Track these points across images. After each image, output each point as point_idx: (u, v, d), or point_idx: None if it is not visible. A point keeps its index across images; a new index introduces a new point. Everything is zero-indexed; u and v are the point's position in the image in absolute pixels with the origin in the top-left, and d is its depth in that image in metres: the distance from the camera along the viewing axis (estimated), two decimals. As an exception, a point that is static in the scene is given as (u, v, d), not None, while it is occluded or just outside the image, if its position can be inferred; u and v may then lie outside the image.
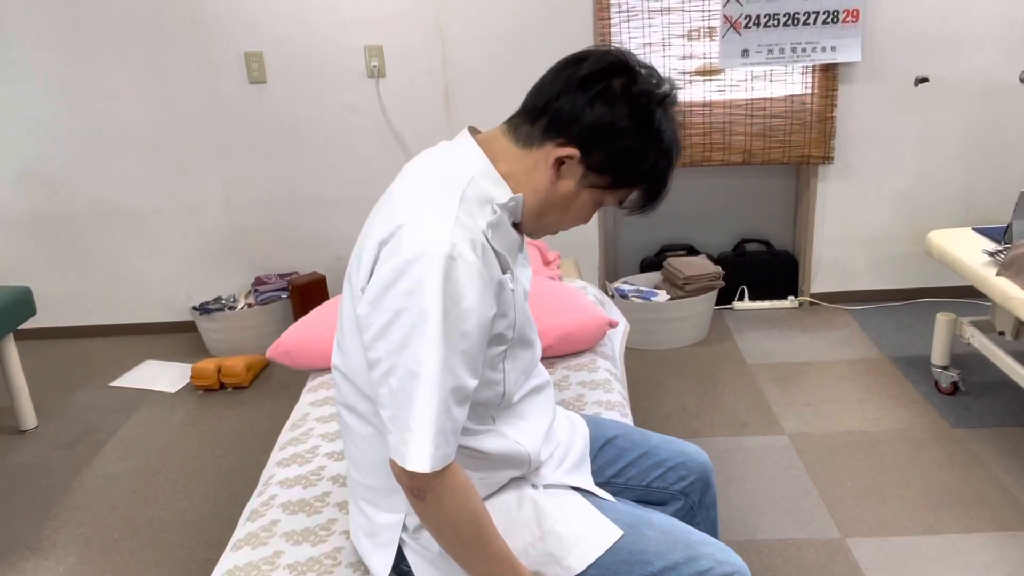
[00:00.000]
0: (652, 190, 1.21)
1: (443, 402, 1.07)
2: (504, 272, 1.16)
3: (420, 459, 1.07)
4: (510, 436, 1.25)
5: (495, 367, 1.19)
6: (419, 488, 1.10)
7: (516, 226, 1.21)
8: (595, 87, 1.12)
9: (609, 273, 3.82)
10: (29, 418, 3.00)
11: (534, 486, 1.29)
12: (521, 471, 1.28)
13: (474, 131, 1.22)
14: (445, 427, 1.08)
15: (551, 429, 1.36)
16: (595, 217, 3.58)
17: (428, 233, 1.07)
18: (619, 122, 1.12)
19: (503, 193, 1.17)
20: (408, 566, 1.26)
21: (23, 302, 2.84)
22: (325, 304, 2.35)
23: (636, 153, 1.14)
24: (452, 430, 1.09)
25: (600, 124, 1.12)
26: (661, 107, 1.15)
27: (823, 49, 3.29)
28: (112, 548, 2.30)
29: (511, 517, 1.25)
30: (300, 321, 2.28)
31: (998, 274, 2.39)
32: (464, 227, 1.09)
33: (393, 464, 1.11)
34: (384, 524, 1.26)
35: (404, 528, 1.25)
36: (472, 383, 1.11)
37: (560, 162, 1.15)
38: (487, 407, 1.22)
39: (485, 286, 1.09)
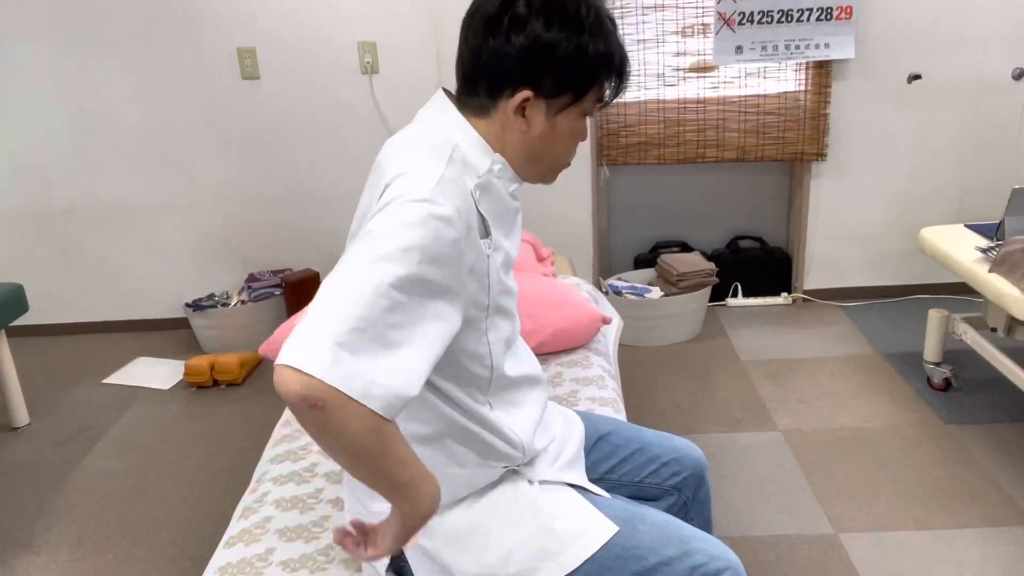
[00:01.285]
0: (614, 71, 1.16)
1: (360, 329, 0.95)
2: (483, 237, 1.14)
3: (307, 359, 0.93)
4: (505, 425, 1.25)
5: (479, 340, 1.18)
6: (306, 400, 0.93)
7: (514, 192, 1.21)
8: (503, 23, 1.10)
9: (603, 270, 3.82)
10: (21, 415, 2.99)
11: (530, 482, 1.29)
12: (515, 462, 1.28)
13: (448, 93, 1.21)
14: (373, 356, 0.95)
15: (544, 421, 1.36)
16: (589, 215, 3.58)
17: (413, 181, 1.06)
18: (542, 38, 1.10)
19: (485, 160, 1.16)
20: (405, 561, 1.26)
21: (15, 299, 2.83)
22: (318, 301, 2.34)
23: (576, 53, 1.11)
24: (381, 368, 0.96)
25: (529, 52, 1.10)
26: None
27: (817, 46, 3.29)
28: (105, 545, 2.29)
29: (507, 513, 1.25)
30: (293, 317, 2.28)
31: (990, 271, 2.40)
32: (451, 184, 1.07)
33: (286, 372, 0.94)
34: (379, 514, 1.26)
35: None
36: (398, 309, 0.99)
37: (521, 109, 1.14)
38: (480, 386, 1.22)
39: (457, 253, 1.05)
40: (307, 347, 0.94)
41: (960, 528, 2.15)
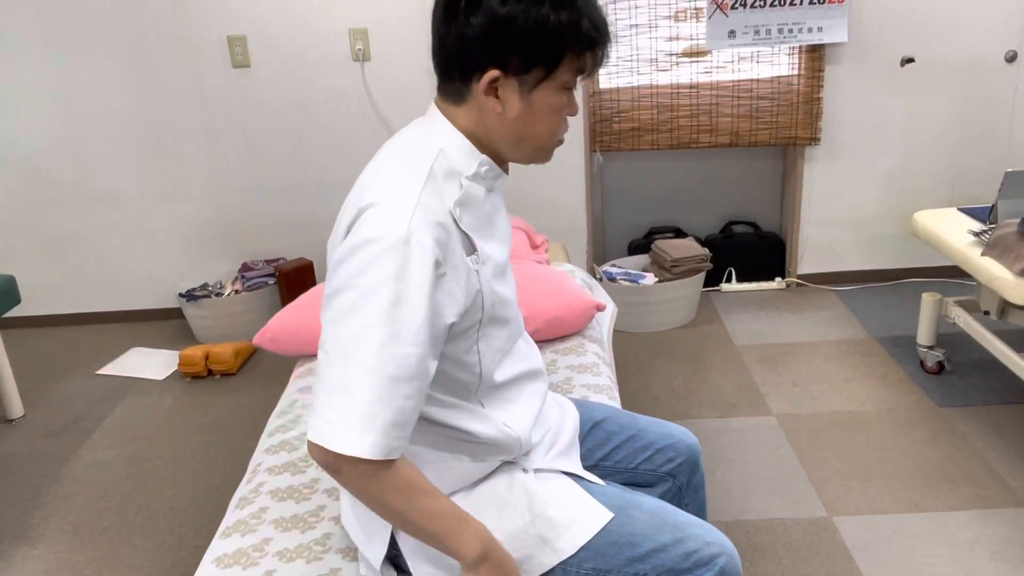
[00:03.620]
0: (584, 40, 1.11)
1: (380, 388, 1.03)
2: (470, 253, 1.14)
3: (344, 442, 1.03)
4: (498, 419, 1.24)
5: (469, 350, 1.18)
6: (332, 466, 1.06)
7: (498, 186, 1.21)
8: (459, 5, 1.09)
9: (597, 256, 3.82)
10: (16, 407, 2.99)
11: (524, 471, 1.30)
12: (512, 456, 1.28)
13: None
14: (379, 415, 1.03)
15: (542, 413, 1.36)
16: (583, 202, 3.58)
17: (388, 216, 1.05)
18: (498, 14, 1.07)
19: (470, 163, 1.15)
20: (399, 551, 1.27)
21: (7, 290, 2.81)
22: (312, 290, 2.34)
23: (536, 26, 1.07)
24: (393, 422, 1.05)
25: (488, 31, 1.08)
26: None
27: (810, 30, 3.28)
28: (101, 536, 2.30)
29: (502, 501, 1.25)
30: (287, 307, 2.27)
31: (983, 254, 2.40)
32: (428, 210, 1.07)
33: (309, 443, 1.07)
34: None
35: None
36: (420, 373, 1.06)
37: (493, 90, 1.12)
38: (469, 389, 1.22)
39: (439, 277, 1.07)
40: (338, 428, 1.04)
41: (953, 510, 2.16)
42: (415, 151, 1.15)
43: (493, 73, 1.10)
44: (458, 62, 1.12)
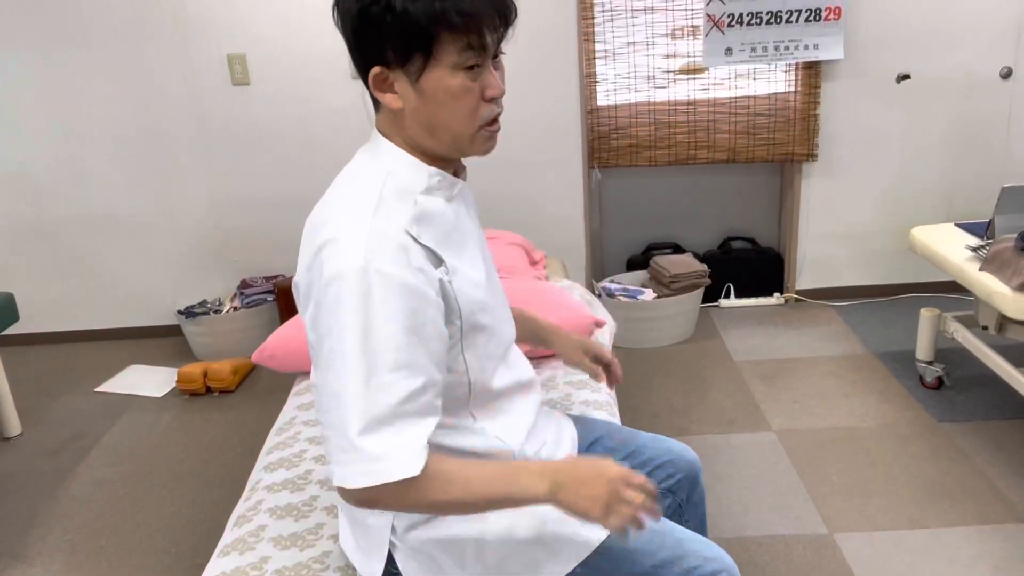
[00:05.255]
0: (453, 17, 1.04)
1: (376, 419, 1.04)
2: (438, 266, 1.13)
3: (347, 477, 1.06)
4: (491, 433, 1.24)
5: (455, 360, 1.18)
6: (368, 501, 1.08)
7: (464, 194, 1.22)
8: (335, 17, 1.11)
9: (596, 272, 3.82)
10: (13, 425, 2.98)
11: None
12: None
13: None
14: (387, 442, 1.04)
15: (535, 426, 1.36)
16: (581, 218, 3.58)
17: (343, 252, 1.06)
18: (351, 11, 1.07)
19: (420, 177, 1.15)
20: (397, 568, 1.26)
21: (5, 308, 2.81)
22: (311, 307, 2.34)
23: (387, 14, 1.04)
24: (398, 445, 1.05)
25: (355, 31, 1.08)
26: None
27: (806, 47, 3.30)
28: (99, 554, 2.29)
29: (500, 518, 1.25)
30: (286, 324, 2.27)
31: (981, 269, 2.41)
32: (383, 235, 1.07)
33: (338, 489, 1.09)
34: (373, 526, 1.26)
35: (393, 530, 1.25)
36: (415, 392, 1.07)
37: (389, 87, 1.11)
38: (460, 402, 1.22)
39: (410, 293, 1.06)
40: (350, 468, 1.05)
41: (953, 526, 2.16)
42: (363, 179, 1.16)
43: (375, 70, 1.10)
44: (357, 68, 1.14)
